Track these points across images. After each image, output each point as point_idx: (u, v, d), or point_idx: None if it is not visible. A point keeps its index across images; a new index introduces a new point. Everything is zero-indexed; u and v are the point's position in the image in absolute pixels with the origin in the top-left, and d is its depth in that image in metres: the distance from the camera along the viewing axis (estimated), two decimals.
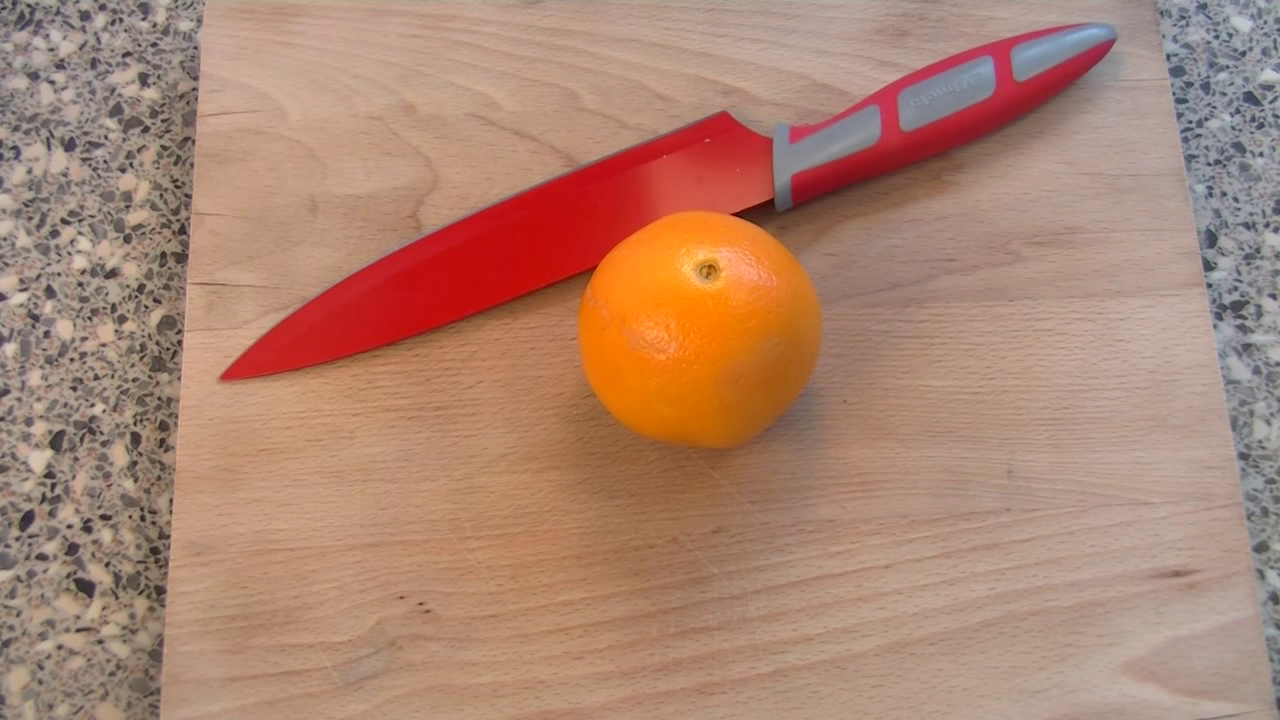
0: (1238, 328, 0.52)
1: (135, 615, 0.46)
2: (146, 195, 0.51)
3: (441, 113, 0.51)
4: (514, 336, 0.48)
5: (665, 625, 0.45)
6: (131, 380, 0.49)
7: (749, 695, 0.45)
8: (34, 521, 0.47)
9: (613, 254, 0.43)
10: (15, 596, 0.46)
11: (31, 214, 0.50)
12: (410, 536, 0.46)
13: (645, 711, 0.44)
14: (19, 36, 0.53)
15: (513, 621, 0.45)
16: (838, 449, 0.47)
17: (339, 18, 0.52)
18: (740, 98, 0.52)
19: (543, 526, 0.46)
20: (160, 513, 0.47)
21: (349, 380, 0.47)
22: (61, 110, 0.52)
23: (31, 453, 0.48)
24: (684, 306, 0.40)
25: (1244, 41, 0.56)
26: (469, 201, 0.50)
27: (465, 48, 0.52)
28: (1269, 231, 0.53)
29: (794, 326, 0.41)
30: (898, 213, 0.51)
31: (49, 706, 0.45)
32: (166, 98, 0.52)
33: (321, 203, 0.49)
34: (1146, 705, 0.45)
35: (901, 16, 0.53)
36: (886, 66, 0.52)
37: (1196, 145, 0.54)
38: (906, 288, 0.50)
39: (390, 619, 0.45)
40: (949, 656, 0.45)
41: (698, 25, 0.53)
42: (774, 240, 0.43)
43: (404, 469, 0.47)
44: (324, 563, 0.45)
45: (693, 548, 0.46)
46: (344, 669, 0.44)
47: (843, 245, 0.50)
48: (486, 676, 0.44)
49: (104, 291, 0.50)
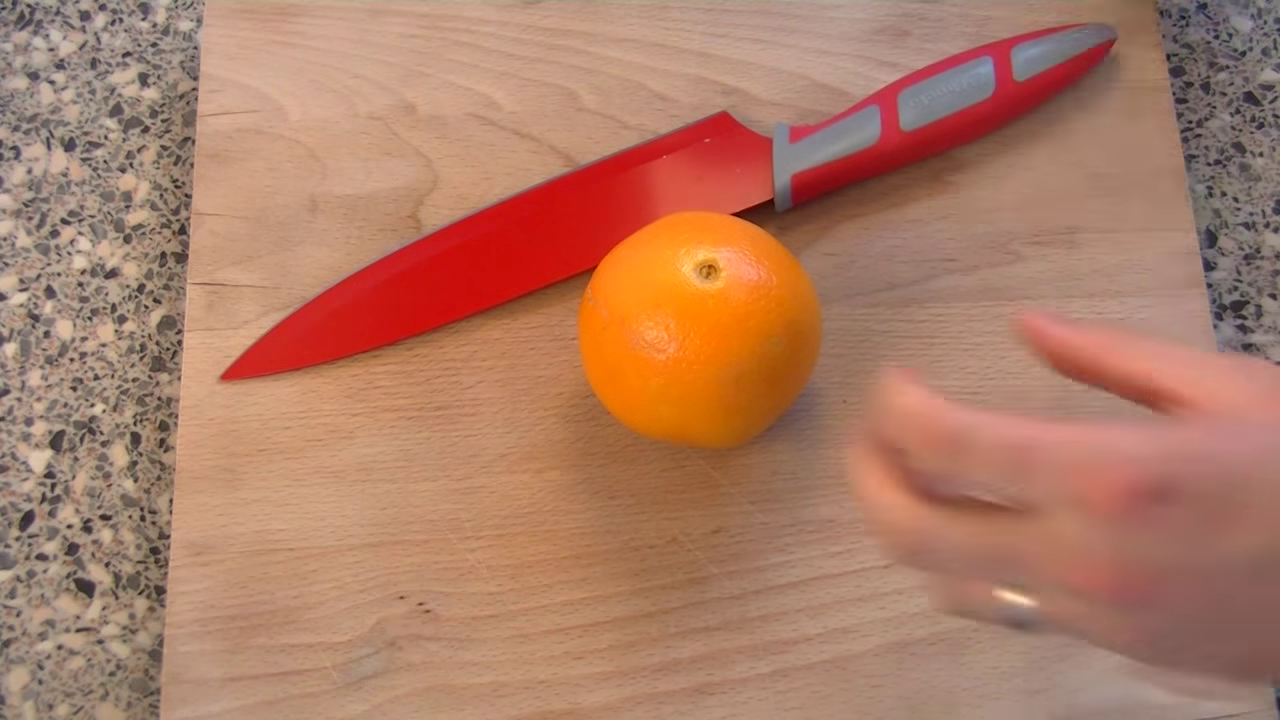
0: (1238, 328, 0.52)
1: (135, 615, 0.46)
2: (146, 195, 0.51)
3: (441, 113, 0.51)
4: (514, 336, 0.48)
5: (665, 625, 0.45)
6: (131, 380, 0.49)
7: (749, 695, 0.45)
8: (34, 521, 0.47)
9: (612, 254, 0.43)
10: (15, 596, 0.46)
11: (31, 214, 0.50)
12: (410, 536, 0.46)
13: (645, 711, 0.44)
14: (19, 36, 0.53)
15: (513, 621, 0.45)
16: (838, 449, 0.47)
17: (339, 18, 0.52)
18: (740, 98, 0.52)
19: (542, 526, 0.46)
20: (160, 513, 0.47)
21: (349, 380, 0.47)
22: (61, 110, 0.52)
23: (31, 453, 0.48)
24: (684, 306, 0.40)
25: (1244, 41, 0.56)
26: (469, 201, 0.50)
27: (465, 48, 0.52)
28: (1269, 231, 0.53)
29: (794, 326, 0.41)
30: (898, 213, 0.51)
31: (49, 706, 0.45)
32: (166, 98, 0.52)
33: (321, 203, 0.49)
34: (1146, 705, 0.45)
35: (901, 16, 0.53)
36: (886, 66, 0.52)
37: (1196, 145, 0.54)
38: (906, 288, 0.50)
39: (390, 619, 0.45)
40: (949, 656, 0.45)
41: (698, 25, 0.53)
42: (774, 240, 0.43)
43: (404, 469, 0.47)
44: (324, 563, 0.45)
45: (692, 548, 0.46)
46: (344, 669, 0.44)
47: (843, 245, 0.50)
48: (486, 676, 0.44)
49: (104, 291, 0.50)
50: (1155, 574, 0.30)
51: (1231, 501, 0.29)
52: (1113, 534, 0.29)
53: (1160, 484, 0.29)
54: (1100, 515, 0.29)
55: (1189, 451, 0.30)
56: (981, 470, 0.31)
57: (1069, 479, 0.30)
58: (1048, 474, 0.30)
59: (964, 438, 0.31)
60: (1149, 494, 0.29)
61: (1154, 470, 0.29)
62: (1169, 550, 0.29)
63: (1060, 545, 0.30)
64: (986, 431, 0.31)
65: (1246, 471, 0.29)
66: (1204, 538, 0.29)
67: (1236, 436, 0.30)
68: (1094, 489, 0.29)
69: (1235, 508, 0.29)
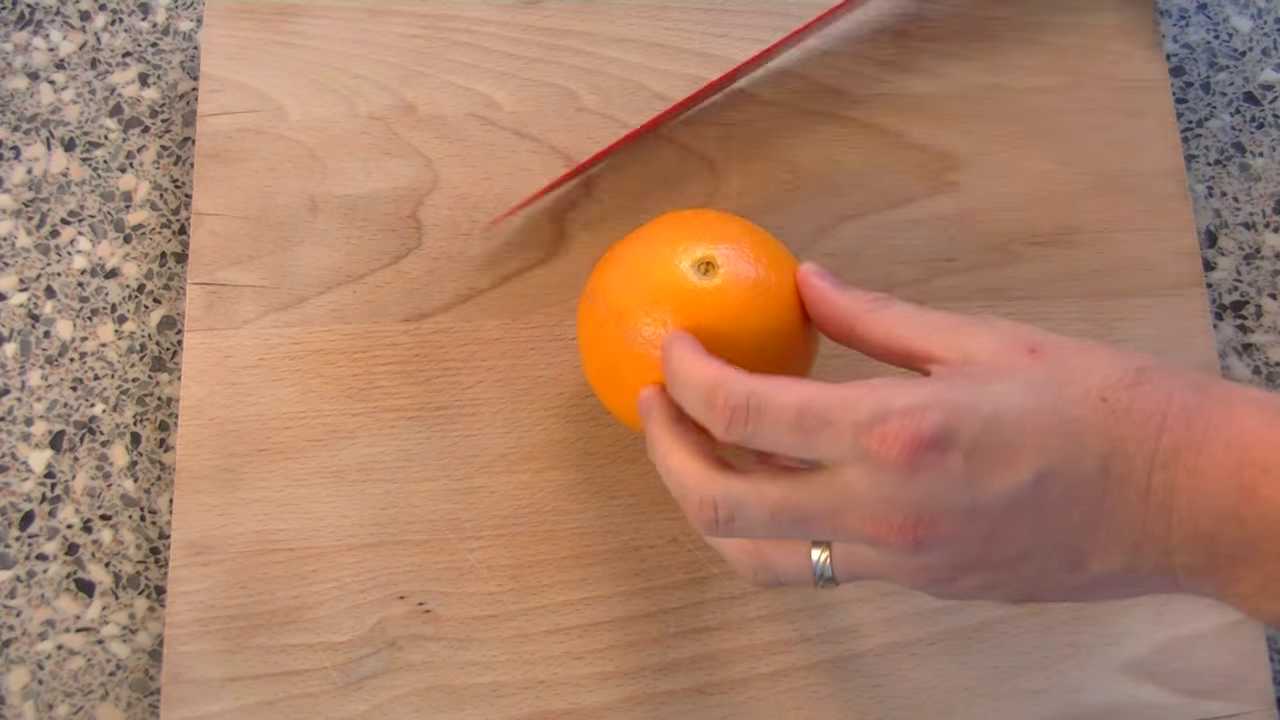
0: (1238, 328, 0.52)
1: (135, 615, 0.46)
2: (146, 195, 0.51)
3: (441, 113, 0.51)
4: (514, 336, 0.48)
5: (665, 625, 0.45)
6: (131, 380, 0.49)
7: (749, 695, 0.45)
8: (34, 521, 0.47)
9: (611, 251, 0.43)
10: (15, 596, 0.46)
11: (31, 214, 0.50)
12: (410, 537, 0.46)
13: (645, 712, 0.44)
14: (19, 36, 0.53)
15: (513, 621, 0.45)
16: None
17: (339, 18, 0.52)
18: (740, 97, 0.52)
19: (543, 526, 0.46)
20: (160, 513, 0.47)
21: (349, 380, 0.47)
22: (61, 110, 0.52)
23: (31, 453, 0.48)
24: (682, 303, 0.40)
25: (1244, 41, 0.56)
26: (469, 202, 0.50)
27: (465, 48, 0.52)
28: (1269, 231, 0.53)
29: (792, 324, 0.41)
30: (897, 212, 0.51)
31: (49, 706, 0.45)
32: (166, 98, 0.52)
33: (321, 203, 0.49)
34: (1146, 705, 0.45)
35: (901, 17, 0.53)
36: (886, 66, 0.52)
37: (1196, 145, 0.54)
38: (906, 288, 0.50)
39: (390, 619, 0.45)
40: (949, 656, 0.45)
41: (698, 25, 0.53)
42: (772, 237, 0.43)
43: (404, 469, 0.47)
44: (324, 563, 0.45)
45: (693, 547, 0.46)
46: (344, 669, 0.44)
47: (842, 245, 0.50)
48: (486, 677, 0.44)
49: (104, 291, 0.50)
50: (936, 515, 0.32)
51: (998, 442, 0.32)
52: (897, 483, 0.32)
53: (936, 433, 0.32)
54: (885, 466, 0.32)
55: (955, 400, 0.32)
56: (771, 434, 0.33)
57: (853, 436, 0.32)
58: (832, 433, 0.32)
59: (752, 404, 0.33)
60: (927, 443, 0.31)
61: (930, 420, 0.32)
62: (947, 493, 0.32)
63: (852, 498, 0.33)
64: (772, 397, 0.33)
65: (1002, 415, 0.32)
66: (976, 478, 0.32)
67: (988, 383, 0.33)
68: (877, 443, 0.32)
69: (1002, 448, 0.32)
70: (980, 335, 0.35)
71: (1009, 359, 0.34)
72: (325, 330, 0.48)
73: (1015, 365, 0.34)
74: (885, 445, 0.32)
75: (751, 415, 0.34)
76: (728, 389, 0.34)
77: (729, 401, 0.34)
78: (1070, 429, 0.32)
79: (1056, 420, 0.32)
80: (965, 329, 0.35)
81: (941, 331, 0.35)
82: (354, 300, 0.48)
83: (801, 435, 0.33)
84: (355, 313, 0.48)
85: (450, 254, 0.49)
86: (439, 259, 0.49)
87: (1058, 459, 0.32)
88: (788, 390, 0.33)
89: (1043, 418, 0.32)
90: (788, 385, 0.34)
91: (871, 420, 0.32)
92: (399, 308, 0.48)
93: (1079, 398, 0.33)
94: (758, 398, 0.34)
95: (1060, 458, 0.32)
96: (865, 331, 0.37)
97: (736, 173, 0.51)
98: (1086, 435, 0.32)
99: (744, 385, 0.34)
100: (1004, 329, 0.35)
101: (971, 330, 0.35)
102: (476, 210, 0.50)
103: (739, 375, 0.35)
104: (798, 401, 0.33)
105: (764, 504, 0.34)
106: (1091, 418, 0.32)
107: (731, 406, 0.34)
